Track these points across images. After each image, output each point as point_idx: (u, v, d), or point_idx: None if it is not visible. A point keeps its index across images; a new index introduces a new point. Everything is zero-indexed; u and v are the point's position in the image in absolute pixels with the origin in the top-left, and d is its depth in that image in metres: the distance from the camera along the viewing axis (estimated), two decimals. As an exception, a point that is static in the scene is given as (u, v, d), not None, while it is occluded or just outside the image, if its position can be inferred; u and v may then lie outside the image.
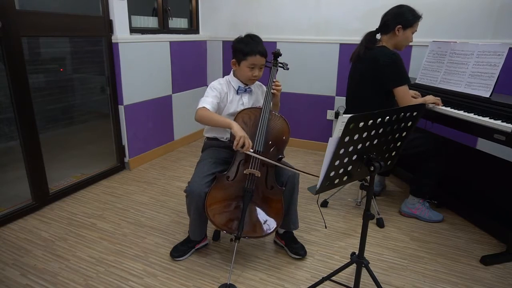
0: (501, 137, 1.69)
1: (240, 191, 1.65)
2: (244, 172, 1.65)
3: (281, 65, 1.92)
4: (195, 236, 1.80)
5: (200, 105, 1.67)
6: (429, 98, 2.07)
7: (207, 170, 1.68)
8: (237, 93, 1.79)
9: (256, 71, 1.73)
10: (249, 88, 1.81)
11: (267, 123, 1.69)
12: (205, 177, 1.65)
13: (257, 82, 1.88)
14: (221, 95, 1.75)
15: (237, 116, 1.72)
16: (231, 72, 1.82)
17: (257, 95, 1.87)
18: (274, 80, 1.79)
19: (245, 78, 1.76)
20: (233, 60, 1.77)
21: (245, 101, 1.81)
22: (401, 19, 1.99)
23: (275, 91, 1.77)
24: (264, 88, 1.84)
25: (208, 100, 1.69)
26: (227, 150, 1.78)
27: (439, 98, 2.06)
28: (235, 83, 1.79)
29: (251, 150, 1.59)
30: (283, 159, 1.75)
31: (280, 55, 1.91)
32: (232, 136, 1.59)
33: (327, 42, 3.16)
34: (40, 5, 2.26)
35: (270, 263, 1.78)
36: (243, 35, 1.77)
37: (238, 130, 1.57)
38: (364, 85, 2.07)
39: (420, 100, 2.08)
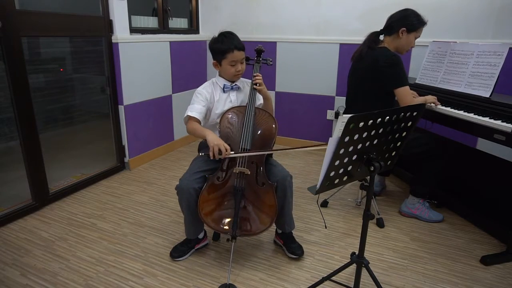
0: (501, 137, 1.69)
1: (231, 190, 1.66)
2: (234, 170, 1.66)
3: (264, 61, 1.92)
4: (190, 234, 1.79)
5: (186, 113, 1.71)
6: (429, 98, 2.07)
7: (198, 168, 1.69)
8: (224, 91, 1.79)
9: (238, 66, 1.73)
10: (235, 85, 1.81)
11: (253, 120, 1.70)
12: (194, 174, 1.66)
13: (246, 80, 1.88)
14: (207, 98, 1.76)
15: (222, 116, 1.73)
16: (217, 74, 1.83)
17: (246, 92, 1.85)
18: (254, 74, 1.78)
19: (229, 75, 1.76)
20: (214, 61, 1.78)
21: (233, 99, 1.81)
22: (406, 22, 1.99)
23: (257, 86, 1.75)
24: None
25: (193, 107, 1.72)
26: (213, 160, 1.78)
27: (436, 97, 2.08)
28: (221, 82, 1.80)
29: (232, 152, 1.59)
30: (272, 153, 1.75)
31: (263, 51, 1.92)
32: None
33: (327, 42, 3.16)
34: (40, 5, 2.26)
35: (270, 263, 1.78)
36: (216, 35, 1.76)
37: (211, 139, 1.58)
38: (364, 85, 2.07)
39: (420, 99, 2.08)
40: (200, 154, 1.70)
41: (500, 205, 2.04)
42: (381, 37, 2.09)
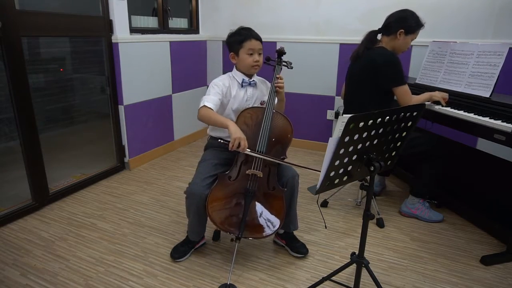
0: (501, 137, 1.69)
1: (241, 191, 1.65)
2: (246, 172, 1.65)
3: (285, 63, 1.90)
4: (194, 237, 1.80)
5: (201, 104, 1.65)
6: (436, 94, 2.03)
7: (208, 172, 1.67)
8: (242, 86, 1.76)
9: (256, 56, 1.71)
10: (253, 81, 1.79)
11: (270, 124, 1.67)
12: (206, 179, 1.64)
13: (261, 78, 1.86)
14: (223, 91, 1.73)
15: (239, 116, 1.71)
16: (234, 68, 1.81)
17: (262, 90, 1.84)
18: (277, 75, 1.76)
19: (247, 66, 1.73)
20: (231, 53, 1.76)
21: (249, 94, 1.78)
22: (404, 24, 1.99)
23: (277, 87, 1.73)
24: (269, 84, 1.81)
25: (209, 98, 1.67)
26: (229, 150, 1.77)
27: (446, 94, 2.03)
28: (239, 76, 1.77)
29: (248, 150, 1.57)
30: (286, 159, 1.74)
31: (284, 53, 1.87)
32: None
33: (327, 42, 3.16)
34: (40, 5, 2.26)
35: (270, 263, 1.78)
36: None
37: (234, 131, 1.55)
38: (362, 85, 2.07)
39: (425, 95, 2.04)
40: (219, 140, 1.65)
41: (500, 205, 2.04)
42: (379, 36, 2.09)
